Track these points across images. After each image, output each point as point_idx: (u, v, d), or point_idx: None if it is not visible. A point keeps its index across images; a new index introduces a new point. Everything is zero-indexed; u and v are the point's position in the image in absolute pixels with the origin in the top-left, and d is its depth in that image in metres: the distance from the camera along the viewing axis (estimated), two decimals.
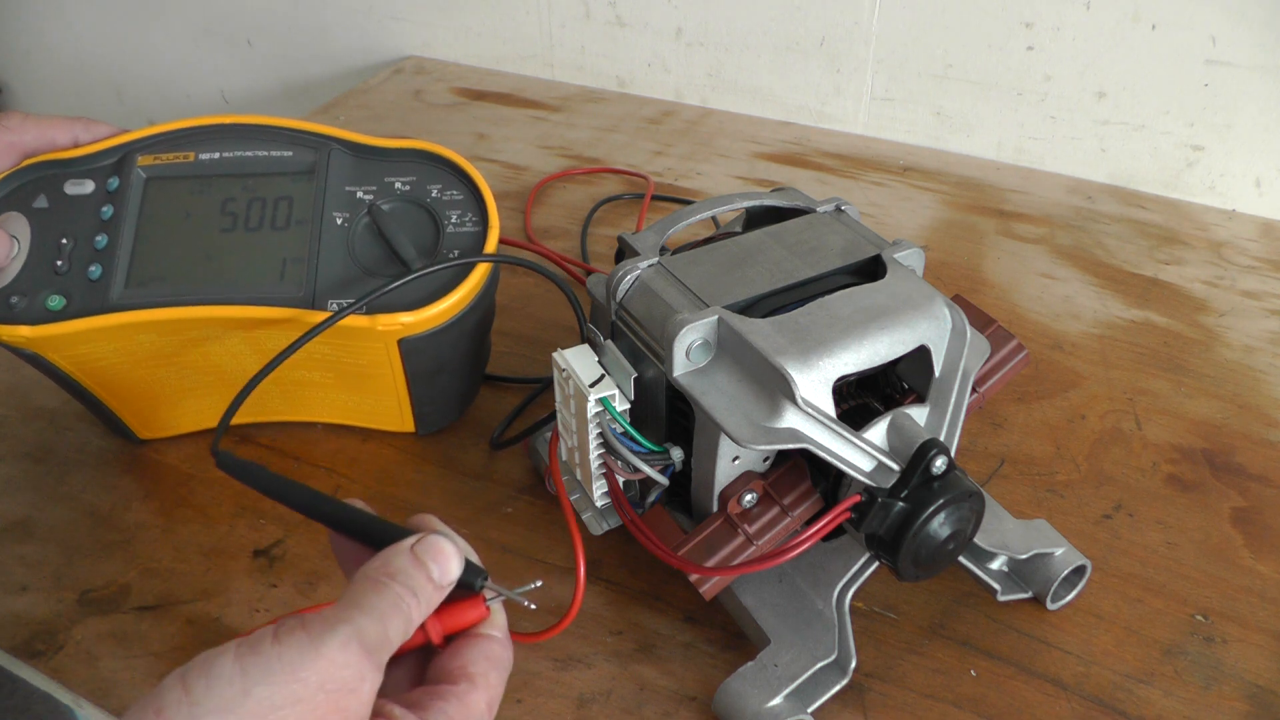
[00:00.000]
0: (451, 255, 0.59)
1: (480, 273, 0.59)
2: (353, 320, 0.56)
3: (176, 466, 0.67)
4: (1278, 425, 0.69)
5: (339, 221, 0.59)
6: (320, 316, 0.56)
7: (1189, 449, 0.67)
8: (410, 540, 0.39)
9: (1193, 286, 0.83)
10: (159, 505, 0.64)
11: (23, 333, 0.55)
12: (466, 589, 0.40)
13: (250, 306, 0.57)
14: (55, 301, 0.56)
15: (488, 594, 0.40)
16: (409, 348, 0.59)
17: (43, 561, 0.60)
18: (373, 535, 0.41)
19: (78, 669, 0.54)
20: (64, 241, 0.58)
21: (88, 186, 0.59)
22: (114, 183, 0.59)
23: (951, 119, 1.02)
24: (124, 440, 0.68)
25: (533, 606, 0.42)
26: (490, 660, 0.38)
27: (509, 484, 0.65)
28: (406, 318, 0.57)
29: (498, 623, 0.40)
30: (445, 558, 0.38)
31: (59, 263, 0.57)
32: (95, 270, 0.57)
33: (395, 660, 0.38)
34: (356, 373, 0.62)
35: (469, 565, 0.40)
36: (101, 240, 0.58)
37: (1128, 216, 0.93)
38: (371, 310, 0.57)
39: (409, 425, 0.67)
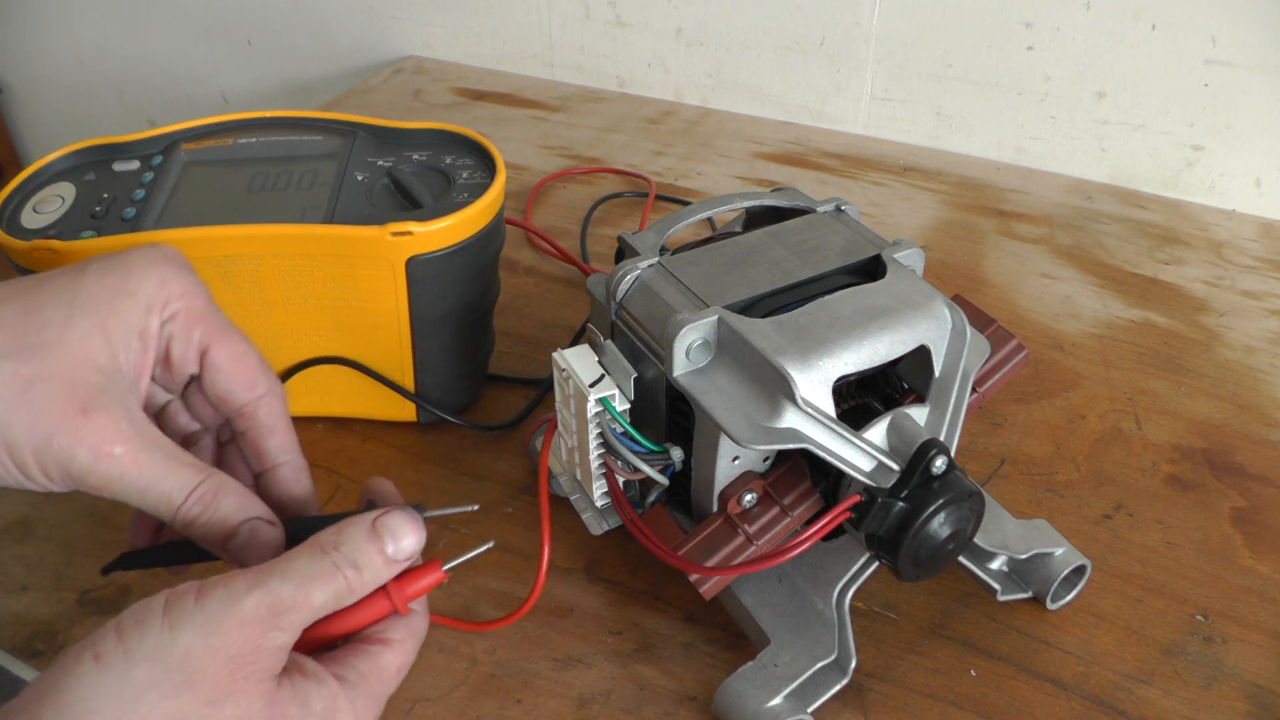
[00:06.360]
0: (462, 198, 0.62)
1: (491, 197, 0.62)
2: (362, 230, 0.59)
3: None
4: (1278, 425, 0.69)
5: (359, 178, 0.64)
6: (339, 229, 0.60)
7: (1189, 449, 0.67)
8: (374, 514, 0.40)
9: (1193, 286, 0.83)
10: None
11: (54, 245, 0.58)
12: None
13: (270, 225, 0.60)
14: (88, 234, 0.60)
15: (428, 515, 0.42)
16: (417, 272, 0.60)
17: (43, 561, 0.60)
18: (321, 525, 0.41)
19: None
20: (105, 195, 0.63)
21: (134, 165, 0.65)
22: (157, 160, 0.66)
23: (951, 119, 1.02)
24: None
25: (474, 508, 0.44)
26: (409, 629, 0.41)
27: (509, 484, 0.65)
28: (417, 227, 0.59)
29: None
30: (404, 534, 0.40)
31: (97, 208, 0.62)
32: (130, 213, 0.61)
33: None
34: (359, 309, 0.63)
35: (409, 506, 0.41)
36: (139, 194, 0.63)
37: (1128, 216, 0.93)
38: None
39: (410, 409, 0.67)
